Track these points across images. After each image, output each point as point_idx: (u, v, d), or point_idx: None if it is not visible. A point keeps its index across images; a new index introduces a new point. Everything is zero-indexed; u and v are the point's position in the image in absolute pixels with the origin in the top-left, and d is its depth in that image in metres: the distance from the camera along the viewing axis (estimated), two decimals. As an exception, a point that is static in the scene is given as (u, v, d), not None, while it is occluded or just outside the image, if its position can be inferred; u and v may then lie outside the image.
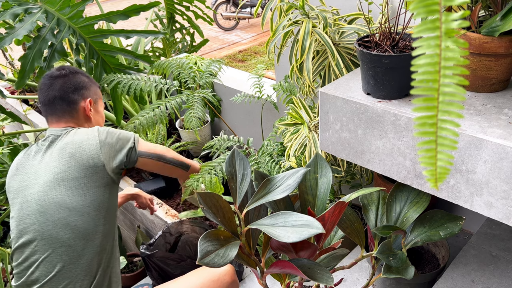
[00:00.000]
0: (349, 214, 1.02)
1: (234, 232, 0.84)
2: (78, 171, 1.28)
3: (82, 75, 1.46)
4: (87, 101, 1.43)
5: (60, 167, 1.28)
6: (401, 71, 1.00)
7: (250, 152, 1.84)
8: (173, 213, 2.05)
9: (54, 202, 1.25)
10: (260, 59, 6.26)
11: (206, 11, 2.88)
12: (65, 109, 1.40)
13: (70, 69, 1.44)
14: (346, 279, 1.50)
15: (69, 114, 1.41)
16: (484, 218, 1.48)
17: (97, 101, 1.50)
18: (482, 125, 0.89)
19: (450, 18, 0.30)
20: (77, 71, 1.46)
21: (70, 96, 1.40)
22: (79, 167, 1.28)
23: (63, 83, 1.40)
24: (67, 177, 1.27)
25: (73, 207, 1.25)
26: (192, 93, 2.13)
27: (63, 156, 1.30)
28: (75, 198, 1.26)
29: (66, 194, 1.26)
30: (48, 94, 1.39)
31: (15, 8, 1.82)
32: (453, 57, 0.30)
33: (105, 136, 1.34)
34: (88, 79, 1.47)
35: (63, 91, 1.39)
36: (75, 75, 1.44)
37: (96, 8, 9.08)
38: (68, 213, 1.24)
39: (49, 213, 1.25)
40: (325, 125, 1.17)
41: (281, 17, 1.37)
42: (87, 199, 1.27)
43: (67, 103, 1.40)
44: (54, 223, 1.24)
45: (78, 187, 1.27)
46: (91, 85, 1.47)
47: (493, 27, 0.90)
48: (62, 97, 1.39)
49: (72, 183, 1.27)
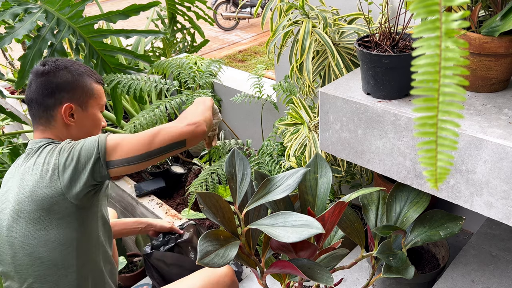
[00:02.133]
0: (349, 214, 1.02)
1: (234, 232, 0.84)
2: (34, 203, 1.08)
3: (67, 72, 1.19)
4: (63, 107, 1.17)
5: (19, 197, 1.10)
6: (401, 71, 1.00)
7: (250, 152, 1.84)
8: (173, 213, 2.05)
9: (20, 235, 1.11)
10: (260, 59, 6.26)
11: (207, 12, 2.89)
12: (40, 116, 1.18)
13: (54, 64, 1.19)
14: (346, 279, 1.50)
15: (45, 122, 1.18)
16: (484, 218, 1.48)
17: (86, 105, 1.22)
18: (482, 125, 0.89)
19: (450, 18, 0.30)
20: (62, 67, 1.19)
21: (45, 100, 1.16)
22: (33, 198, 1.08)
23: (40, 83, 1.17)
24: (25, 209, 1.09)
25: (37, 243, 1.10)
26: (191, 93, 2.13)
27: (22, 182, 1.11)
28: (37, 233, 1.09)
29: (28, 229, 1.10)
30: (27, 94, 1.19)
31: (15, 8, 1.82)
32: (453, 57, 0.30)
33: (66, 155, 1.08)
34: (73, 77, 1.19)
35: (39, 94, 1.17)
36: (57, 73, 1.18)
37: (96, 8, 9.08)
38: (34, 249, 1.11)
39: (17, 247, 1.12)
40: (325, 125, 1.17)
41: (281, 17, 1.37)
42: (51, 233, 1.09)
43: (43, 109, 1.17)
44: (24, 257, 1.12)
45: (38, 221, 1.09)
46: (75, 85, 1.19)
47: (493, 27, 0.90)
48: (38, 101, 1.17)
49: (30, 216, 1.09)
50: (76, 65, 1.23)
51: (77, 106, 1.20)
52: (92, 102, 1.23)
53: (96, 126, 1.26)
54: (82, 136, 1.20)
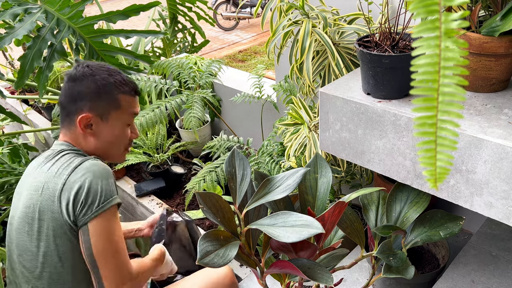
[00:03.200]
0: (349, 214, 1.02)
1: (234, 232, 0.84)
2: (37, 212, 1.10)
3: (93, 81, 1.15)
4: (80, 116, 1.14)
5: (26, 200, 1.12)
6: (401, 71, 1.00)
7: (250, 152, 1.84)
8: (173, 213, 2.05)
9: (23, 240, 1.13)
10: (260, 59, 6.26)
11: (208, 12, 2.89)
12: (64, 119, 1.19)
13: (82, 71, 1.16)
14: (346, 279, 1.50)
15: (67, 126, 1.19)
16: (484, 218, 1.48)
17: (108, 116, 1.17)
18: (482, 125, 0.89)
19: (449, 18, 0.30)
20: (88, 74, 1.16)
21: (68, 105, 1.17)
22: (36, 207, 1.10)
23: (67, 88, 1.16)
24: (30, 215, 1.11)
25: (35, 252, 1.11)
26: (191, 93, 2.13)
27: (33, 185, 1.12)
28: (35, 242, 1.11)
29: (29, 235, 1.12)
30: (60, 96, 1.20)
31: (15, 8, 1.82)
32: (452, 57, 0.30)
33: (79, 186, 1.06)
34: (97, 86, 1.15)
35: (64, 98, 1.17)
36: (83, 80, 1.15)
37: (96, 8, 9.09)
38: (32, 256, 1.12)
39: (20, 249, 1.14)
40: (325, 125, 1.17)
41: (281, 17, 1.37)
42: (49, 246, 1.10)
43: (66, 113, 1.18)
44: (24, 261, 1.14)
45: (37, 231, 1.11)
46: (98, 95, 1.15)
47: (493, 27, 0.89)
48: (62, 105, 1.18)
49: (31, 223, 1.11)
50: (105, 74, 1.17)
51: (96, 116, 1.16)
52: (116, 114, 1.18)
53: (119, 139, 1.22)
54: (102, 147, 1.19)
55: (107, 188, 1.08)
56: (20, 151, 2.42)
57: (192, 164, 2.44)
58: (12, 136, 2.53)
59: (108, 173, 1.12)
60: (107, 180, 1.10)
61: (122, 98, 1.18)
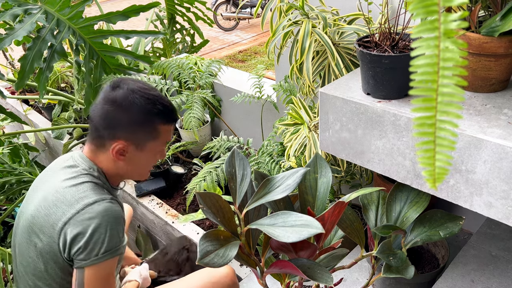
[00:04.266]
0: (349, 214, 1.02)
1: (234, 232, 0.84)
2: (39, 229, 1.08)
3: (138, 111, 1.08)
4: (116, 145, 1.09)
5: (33, 210, 1.11)
6: (400, 71, 1.00)
7: (250, 152, 1.84)
8: (173, 213, 2.05)
9: (24, 248, 1.12)
10: (260, 59, 6.26)
11: (207, 13, 2.89)
12: (94, 137, 1.13)
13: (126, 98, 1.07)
14: (346, 279, 1.50)
15: (96, 146, 1.13)
16: (484, 218, 1.48)
17: (144, 146, 1.12)
18: (482, 125, 0.89)
19: (449, 19, 0.30)
20: (133, 102, 1.07)
21: (103, 129, 1.10)
22: (40, 225, 1.08)
23: (105, 111, 1.08)
24: (35, 225, 1.09)
25: (33, 267, 1.11)
26: (191, 94, 2.13)
27: (46, 198, 1.10)
28: (34, 257, 1.10)
29: (30, 248, 1.11)
30: (92, 109, 1.12)
31: (15, 9, 1.82)
32: (452, 58, 0.30)
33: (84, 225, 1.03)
34: (141, 118, 1.08)
35: (99, 119, 1.09)
36: (127, 109, 1.07)
37: (96, 9, 9.08)
38: (33, 265, 1.11)
39: (21, 253, 1.14)
40: (325, 125, 1.17)
41: (281, 17, 1.37)
42: (48, 267, 1.09)
43: (98, 135, 1.11)
44: (21, 266, 1.15)
45: (32, 243, 1.10)
46: (140, 127, 1.09)
47: (492, 27, 0.90)
48: (96, 125, 1.11)
49: (34, 238, 1.10)
50: (150, 103, 1.10)
51: (132, 145, 1.11)
52: (153, 144, 1.14)
53: (148, 164, 1.19)
54: (129, 171, 1.17)
55: (112, 239, 1.05)
56: (21, 151, 2.42)
57: (192, 164, 2.44)
58: (12, 136, 2.53)
59: (119, 221, 1.08)
60: (116, 229, 1.07)
61: (161, 129, 1.13)
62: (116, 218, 1.07)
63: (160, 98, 1.12)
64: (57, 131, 2.69)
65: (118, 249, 1.08)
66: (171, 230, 1.99)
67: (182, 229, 1.92)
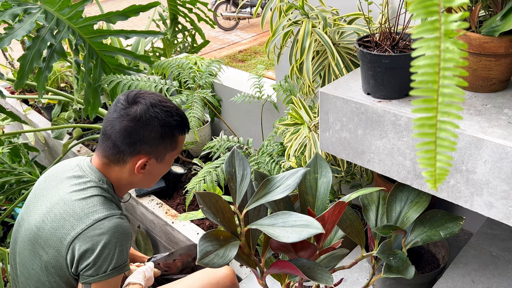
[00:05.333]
0: (349, 214, 1.02)
1: (233, 232, 0.84)
2: (44, 241, 1.07)
3: (159, 126, 1.08)
4: (140, 160, 1.10)
5: (38, 221, 1.09)
6: (401, 71, 1.00)
7: (250, 152, 1.84)
8: (173, 213, 2.05)
9: (26, 258, 1.12)
10: (260, 59, 6.26)
11: (208, 14, 2.90)
12: (111, 153, 1.11)
13: (146, 113, 1.07)
14: (346, 279, 1.50)
15: (112, 161, 1.12)
16: (484, 218, 1.48)
17: (164, 157, 1.14)
18: (482, 125, 0.89)
19: (449, 19, 0.30)
20: (153, 117, 1.07)
21: (123, 145, 1.08)
22: (46, 237, 1.07)
23: (125, 128, 1.07)
24: (40, 237, 1.08)
25: (36, 279, 1.10)
26: (191, 93, 2.13)
27: (52, 209, 1.08)
28: (33, 261, 1.10)
29: (31, 259, 1.10)
30: (106, 125, 1.10)
31: (14, 8, 1.82)
32: (452, 58, 0.30)
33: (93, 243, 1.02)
34: (162, 132, 1.09)
35: (119, 136, 1.08)
36: (148, 125, 1.07)
37: (96, 8, 9.09)
38: (34, 277, 1.11)
39: (22, 268, 1.13)
40: (325, 125, 1.17)
41: (281, 17, 1.37)
42: (51, 282, 1.09)
43: (117, 151, 1.10)
44: (21, 276, 1.14)
45: (36, 255, 1.09)
46: (161, 141, 1.11)
47: (493, 27, 0.89)
48: (115, 142, 1.09)
49: (34, 245, 1.08)
50: (169, 117, 1.11)
51: (153, 158, 1.12)
52: (171, 155, 1.17)
53: (160, 176, 1.21)
54: (141, 182, 1.17)
55: (120, 256, 1.05)
56: (21, 150, 2.42)
57: (192, 164, 2.44)
58: (12, 136, 2.53)
59: (128, 238, 1.08)
60: (125, 246, 1.07)
61: (179, 140, 1.16)
62: (125, 234, 1.07)
63: (176, 109, 1.14)
64: (57, 131, 2.69)
65: (126, 265, 1.07)
66: (171, 230, 1.98)
67: (182, 229, 1.92)
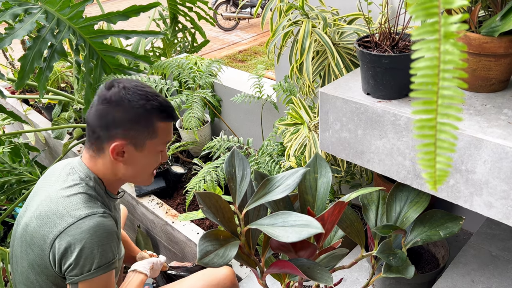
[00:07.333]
0: (349, 213, 1.02)
1: (233, 232, 0.84)
2: (30, 238, 1.07)
3: (131, 107, 1.05)
4: (113, 145, 1.06)
5: (28, 220, 1.09)
6: (400, 71, 1.00)
7: (250, 152, 1.84)
8: (173, 213, 2.05)
9: (19, 253, 1.12)
10: (260, 59, 6.26)
11: (209, 12, 2.90)
12: (92, 142, 1.10)
13: (119, 94, 1.05)
14: (346, 278, 1.50)
15: (94, 151, 1.11)
16: (484, 218, 1.48)
17: (143, 145, 1.10)
18: (482, 125, 0.89)
19: (449, 21, 0.30)
20: (126, 99, 1.05)
21: (99, 130, 1.07)
22: (31, 235, 1.07)
23: (99, 111, 1.06)
24: (26, 235, 1.09)
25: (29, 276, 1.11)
26: (191, 94, 2.13)
27: (39, 207, 1.08)
28: (25, 266, 1.10)
29: (19, 256, 1.11)
30: (88, 112, 1.10)
31: (15, 8, 1.82)
32: (452, 60, 0.30)
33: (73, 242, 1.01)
34: (136, 114, 1.06)
35: (95, 121, 1.07)
36: (119, 105, 1.05)
37: (97, 8, 9.09)
38: (27, 273, 1.11)
39: (15, 266, 1.15)
40: (325, 125, 1.17)
41: (281, 17, 1.37)
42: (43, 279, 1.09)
43: (95, 138, 1.09)
44: (16, 273, 1.15)
45: (24, 251, 1.09)
46: (135, 124, 1.06)
47: (492, 27, 0.90)
48: (92, 128, 1.08)
49: (23, 241, 1.10)
50: (143, 99, 1.07)
51: (130, 144, 1.08)
52: (152, 143, 1.11)
53: (149, 166, 1.15)
54: (130, 174, 1.14)
55: (104, 254, 1.04)
56: (21, 150, 2.42)
57: (192, 164, 2.44)
58: (12, 136, 2.53)
59: (111, 236, 1.06)
60: (109, 244, 1.05)
61: (159, 126, 1.10)
62: (108, 233, 1.05)
63: (154, 94, 1.10)
64: (57, 131, 2.69)
65: (112, 264, 1.06)
66: (171, 230, 1.99)
67: (182, 229, 1.92)
